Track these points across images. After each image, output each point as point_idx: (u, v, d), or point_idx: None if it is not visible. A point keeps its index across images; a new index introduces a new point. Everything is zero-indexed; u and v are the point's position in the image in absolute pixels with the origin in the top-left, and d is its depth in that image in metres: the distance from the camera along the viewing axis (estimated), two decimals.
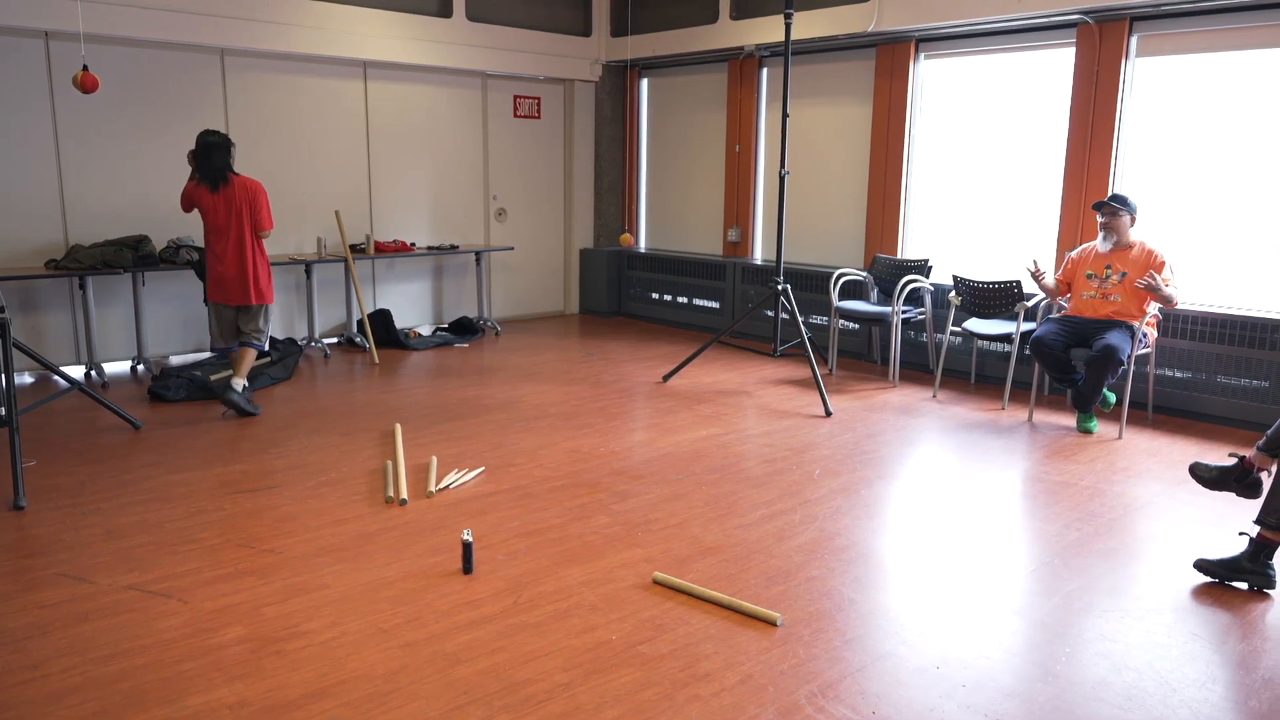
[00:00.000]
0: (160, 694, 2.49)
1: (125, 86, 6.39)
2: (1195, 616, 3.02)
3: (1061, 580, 3.27)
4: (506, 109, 8.47)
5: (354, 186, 7.58)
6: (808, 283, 7.36)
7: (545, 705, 2.45)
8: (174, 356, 6.87)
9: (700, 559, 3.41)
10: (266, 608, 2.99)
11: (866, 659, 2.71)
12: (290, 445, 4.75)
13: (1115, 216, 5.17)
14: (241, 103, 6.92)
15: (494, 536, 3.59)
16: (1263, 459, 3.30)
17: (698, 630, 2.87)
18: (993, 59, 6.46)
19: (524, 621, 2.91)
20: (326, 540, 3.54)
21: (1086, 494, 4.17)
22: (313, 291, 7.16)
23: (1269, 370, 5.14)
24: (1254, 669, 2.71)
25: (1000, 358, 6.25)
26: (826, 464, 4.56)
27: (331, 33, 6.99)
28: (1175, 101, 5.63)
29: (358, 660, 2.67)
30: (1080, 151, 5.94)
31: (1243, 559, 3.24)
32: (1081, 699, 2.52)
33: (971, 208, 6.71)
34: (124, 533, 3.59)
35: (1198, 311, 5.37)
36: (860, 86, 7.18)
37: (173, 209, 6.69)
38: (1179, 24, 5.53)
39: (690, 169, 8.65)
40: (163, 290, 6.70)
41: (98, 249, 6.04)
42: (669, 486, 4.20)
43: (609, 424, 5.23)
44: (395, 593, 3.11)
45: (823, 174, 7.54)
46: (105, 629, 2.84)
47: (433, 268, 8.25)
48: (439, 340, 7.60)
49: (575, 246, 9.14)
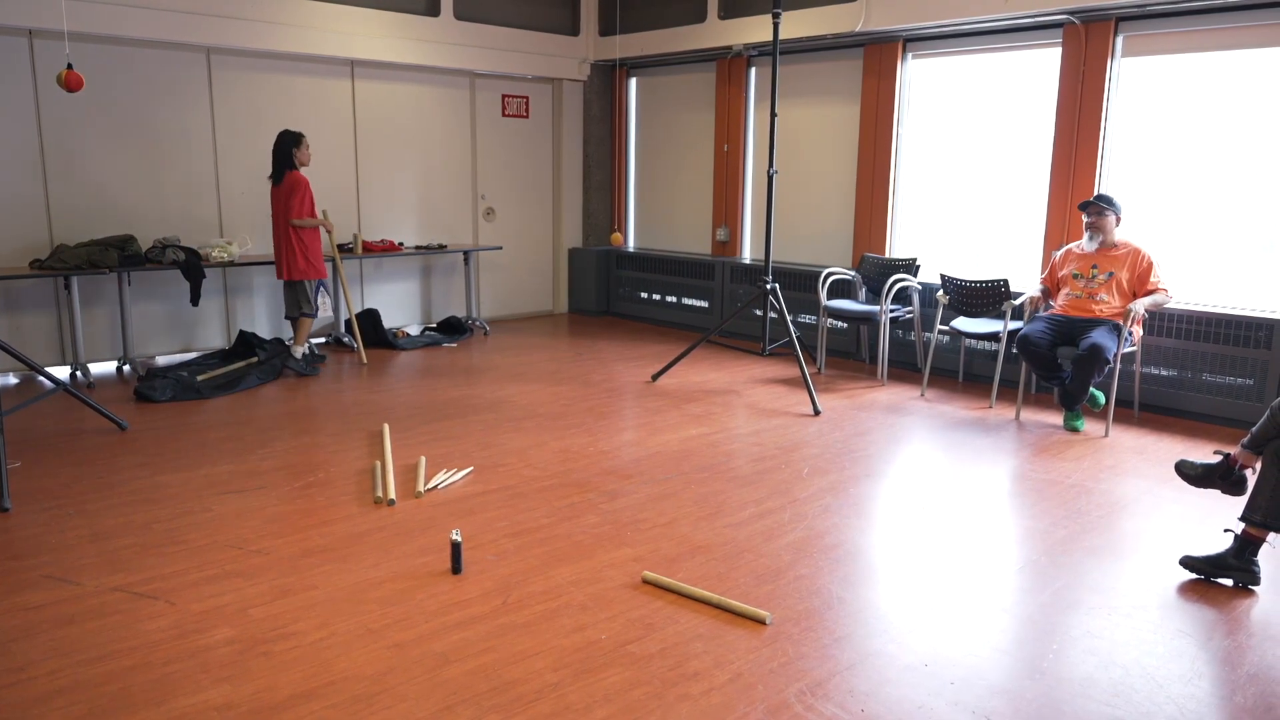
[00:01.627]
0: (147, 696, 2.48)
1: (110, 85, 6.36)
2: (1181, 613, 3.05)
3: (1049, 578, 3.29)
4: (494, 108, 8.46)
5: (341, 186, 7.56)
6: (796, 282, 7.37)
7: (534, 705, 2.45)
8: (161, 357, 6.83)
9: (689, 558, 3.41)
10: (254, 609, 2.98)
11: (855, 657, 2.72)
12: (278, 446, 4.74)
13: (1101, 216, 5.20)
14: (228, 102, 6.89)
15: (483, 536, 3.59)
16: (1247, 456, 3.32)
17: (687, 629, 2.87)
18: (980, 59, 6.49)
19: (513, 621, 2.91)
20: (314, 541, 3.53)
21: (1074, 492, 4.19)
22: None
23: (1254, 368, 5.18)
24: (1239, 665, 2.73)
25: (988, 356, 6.28)
26: (815, 463, 4.57)
27: (319, 31, 6.97)
28: (1160, 101, 5.67)
29: (346, 661, 2.67)
30: (1066, 151, 5.97)
31: (1228, 556, 3.26)
32: (1069, 696, 2.53)
33: (959, 207, 6.73)
34: (110, 534, 3.57)
35: (1183, 310, 5.40)
36: (848, 86, 7.20)
37: (159, 208, 6.68)
38: (1164, 24, 5.56)
39: (679, 168, 8.66)
40: (149, 290, 6.66)
41: (83, 248, 6.00)
42: (658, 486, 4.20)
43: (598, 423, 5.23)
44: (384, 593, 3.10)
45: (811, 173, 7.55)
46: (92, 631, 2.82)
47: (421, 267, 8.23)
48: (427, 340, 7.58)
49: (564, 246, 9.13)
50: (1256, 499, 3.22)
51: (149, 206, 6.63)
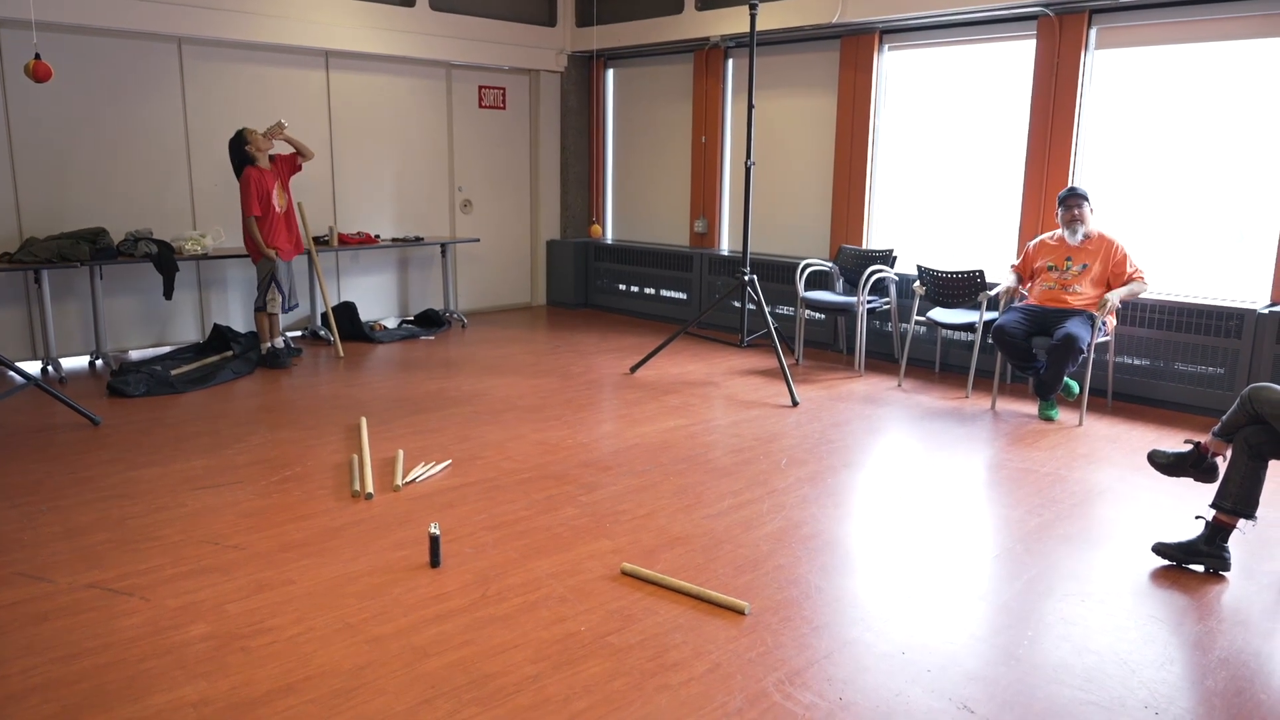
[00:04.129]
0: (123, 693, 2.45)
1: (80, 76, 6.26)
2: (1154, 599, 3.09)
3: (1024, 565, 3.32)
4: (471, 99, 8.41)
5: (317, 178, 7.48)
6: (774, 273, 7.39)
7: (514, 698, 2.45)
8: (134, 351, 6.76)
9: (668, 549, 3.42)
10: (230, 604, 2.96)
11: (833, 645, 2.74)
12: (253, 440, 4.70)
13: (1081, 209, 5.24)
14: (200, 93, 6.80)
15: (461, 529, 3.58)
16: (1218, 444, 3.37)
17: (666, 620, 2.88)
18: (955, 51, 6.52)
19: (492, 614, 2.91)
20: (291, 536, 3.51)
21: (1048, 480, 4.23)
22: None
23: (1224, 357, 5.25)
24: (1210, 649, 2.77)
25: (964, 347, 6.33)
26: (793, 453, 4.59)
27: (293, 21, 6.89)
28: (1134, 93, 5.72)
29: (324, 656, 2.65)
30: (1041, 142, 6.02)
31: (1199, 542, 3.31)
32: (1044, 681, 2.56)
33: (935, 198, 6.77)
34: (83, 530, 3.53)
35: (1156, 300, 5.46)
36: (825, 78, 7.21)
37: (130, 201, 6.59)
38: (1137, 16, 5.61)
39: (656, 160, 8.65)
40: (122, 284, 6.58)
41: (53, 242, 5.91)
42: (637, 478, 4.21)
43: (576, 416, 5.22)
44: (362, 587, 3.09)
45: (788, 165, 7.57)
46: (65, 628, 2.79)
47: (398, 260, 8.18)
48: (404, 333, 7.54)
49: (542, 238, 9.10)
50: (1227, 486, 3.26)
51: (120, 199, 6.55)
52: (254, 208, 6.11)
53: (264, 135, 6.17)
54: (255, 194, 6.10)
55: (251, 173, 6.10)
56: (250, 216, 6.13)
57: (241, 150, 6.13)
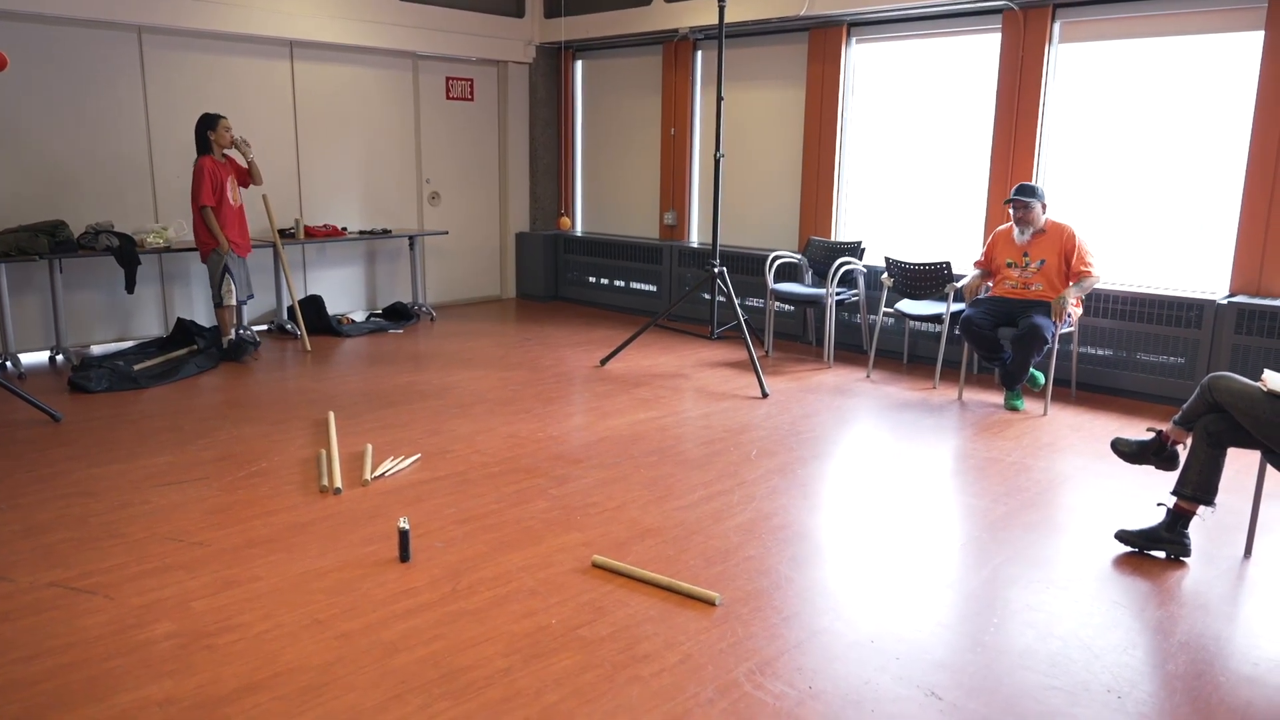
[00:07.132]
0: (86, 693, 2.42)
1: (37, 65, 6.13)
2: (1116, 585, 3.14)
3: (990, 553, 3.36)
4: (439, 91, 8.34)
5: (282, 170, 7.40)
6: (743, 265, 7.41)
7: (485, 691, 2.44)
8: (95, 346, 6.65)
9: (639, 541, 3.42)
10: (196, 602, 2.92)
11: (803, 635, 2.76)
12: (218, 435, 4.64)
13: (1028, 210, 5.28)
14: (160, 83, 6.69)
15: (431, 524, 3.56)
16: (1179, 433, 3.43)
17: (637, 612, 2.88)
18: (922, 44, 6.56)
19: (462, 608, 2.90)
20: (258, 532, 3.47)
21: (1013, 469, 4.29)
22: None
23: (1185, 347, 5.34)
24: (1171, 634, 2.82)
25: (931, 338, 6.38)
26: (763, 445, 4.61)
27: (256, 10, 6.79)
28: (1097, 86, 5.79)
29: (292, 652, 2.63)
30: (1006, 135, 6.08)
31: (1160, 529, 3.36)
32: (1009, 667, 2.60)
33: (903, 190, 6.81)
34: (44, 528, 3.47)
35: (1119, 291, 5.54)
36: (793, 70, 7.23)
37: (90, 193, 6.48)
38: (1100, 10, 5.68)
39: (626, 152, 8.63)
40: (82, 278, 6.47)
41: (11, 235, 5.79)
42: (607, 470, 4.20)
43: (546, 408, 5.21)
44: (330, 583, 3.06)
45: (757, 157, 7.58)
46: (27, 628, 2.75)
47: (365, 253, 8.10)
48: (372, 326, 7.48)
49: (511, 230, 9.06)
50: (1187, 474, 3.32)
51: (80, 191, 6.43)
52: (207, 196, 5.99)
53: (231, 138, 6.10)
54: (209, 183, 5.99)
55: (206, 162, 6.01)
56: (204, 206, 6.00)
57: (202, 135, 6.04)
